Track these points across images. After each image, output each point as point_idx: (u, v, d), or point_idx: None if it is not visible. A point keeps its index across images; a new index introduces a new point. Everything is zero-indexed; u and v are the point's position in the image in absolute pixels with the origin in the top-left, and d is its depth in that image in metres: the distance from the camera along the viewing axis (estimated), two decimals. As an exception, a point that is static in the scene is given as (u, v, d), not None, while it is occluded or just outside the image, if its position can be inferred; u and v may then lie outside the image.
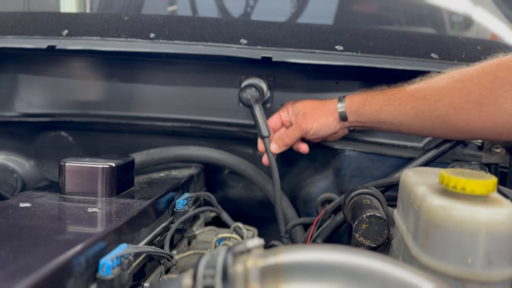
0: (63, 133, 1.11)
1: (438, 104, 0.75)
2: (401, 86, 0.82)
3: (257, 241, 0.42)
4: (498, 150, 0.84)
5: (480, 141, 0.85)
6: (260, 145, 0.95)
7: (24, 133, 1.11)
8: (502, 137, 0.74)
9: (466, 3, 1.86)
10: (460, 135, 0.79)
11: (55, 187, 0.78)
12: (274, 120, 0.95)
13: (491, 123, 0.71)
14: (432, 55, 0.91)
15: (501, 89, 0.68)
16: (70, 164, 0.75)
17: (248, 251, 0.42)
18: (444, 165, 0.88)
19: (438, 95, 0.75)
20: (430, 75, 0.80)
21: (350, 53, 0.90)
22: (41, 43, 0.92)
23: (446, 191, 0.50)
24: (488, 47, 0.97)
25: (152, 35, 0.93)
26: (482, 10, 1.80)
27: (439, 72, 0.79)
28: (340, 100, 0.87)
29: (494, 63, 0.71)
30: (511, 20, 1.47)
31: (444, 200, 0.49)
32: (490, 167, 0.85)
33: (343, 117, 0.87)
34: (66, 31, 0.95)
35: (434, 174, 0.59)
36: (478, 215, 0.47)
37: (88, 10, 1.77)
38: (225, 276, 0.39)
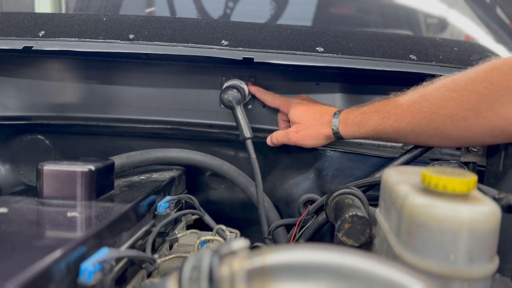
0: (39, 136, 1.09)
1: (435, 116, 0.74)
2: (393, 98, 0.81)
3: (242, 243, 0.42)
4: (475, 149, 0.86)
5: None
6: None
7: (-2, 136, 1.08)
8: (499, 140, 0.74)
9: (440, 5, 1.90)
10: (458, 143, 0.78)
11: (32, 191, 0.76)
12: (274, 100, 0.98)
13: (490, 127, 0.70)
14: (411, 56, 0.92)
15: (496, 94, 0.68)
16: (48, 168, 0.73)
17: (233, 253, 0.41)
18: (424, 164, 0.89)
19: (434, 107, 0.74)
20: (421, 84, 0.79)
21: (331, 54, 0.91)
22: (17, 44, 0.90)
23: (428, 190, 0.51)
24: (465, 49, 0.99)
25: (131, 36, 0.92)
26: (456, 12, 1.84)
27: (432, 77, 0.79)
28: (334, 123, 0.87)
29: (487, 69, 0.70)
30: (484, 22, 1.50)
31: (426, 198, 0.50)
32: (468, 166, 0.87)
33: (338, 138, 0.88)
34: (42, 32, 0.93)
35: (415, 173, 0.60)
36: (460, 213, 0.47)
37: (64, 11, 1.73)
38: (211, 279, 0.38)
